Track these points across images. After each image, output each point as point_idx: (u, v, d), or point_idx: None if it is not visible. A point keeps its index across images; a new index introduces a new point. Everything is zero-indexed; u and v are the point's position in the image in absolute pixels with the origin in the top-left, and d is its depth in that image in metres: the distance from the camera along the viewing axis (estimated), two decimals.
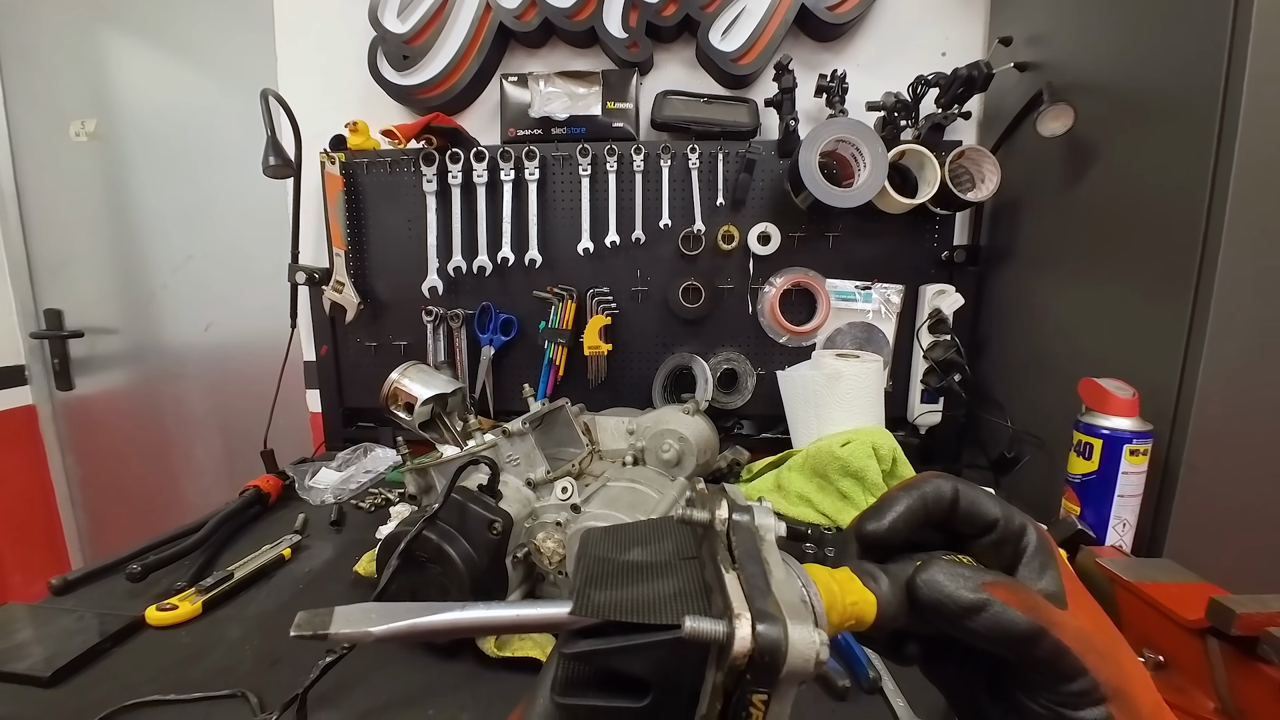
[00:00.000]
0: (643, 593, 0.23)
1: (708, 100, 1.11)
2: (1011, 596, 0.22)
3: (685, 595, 0.22)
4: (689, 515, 0.24)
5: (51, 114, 1.40)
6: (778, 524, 0.24)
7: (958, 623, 0.22)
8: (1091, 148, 0.85)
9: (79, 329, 1.49)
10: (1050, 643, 0.22)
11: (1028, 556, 0.25)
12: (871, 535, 0.26)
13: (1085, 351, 0.86)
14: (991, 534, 0.26)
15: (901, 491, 0.27)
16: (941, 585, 0.23)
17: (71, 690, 0.55)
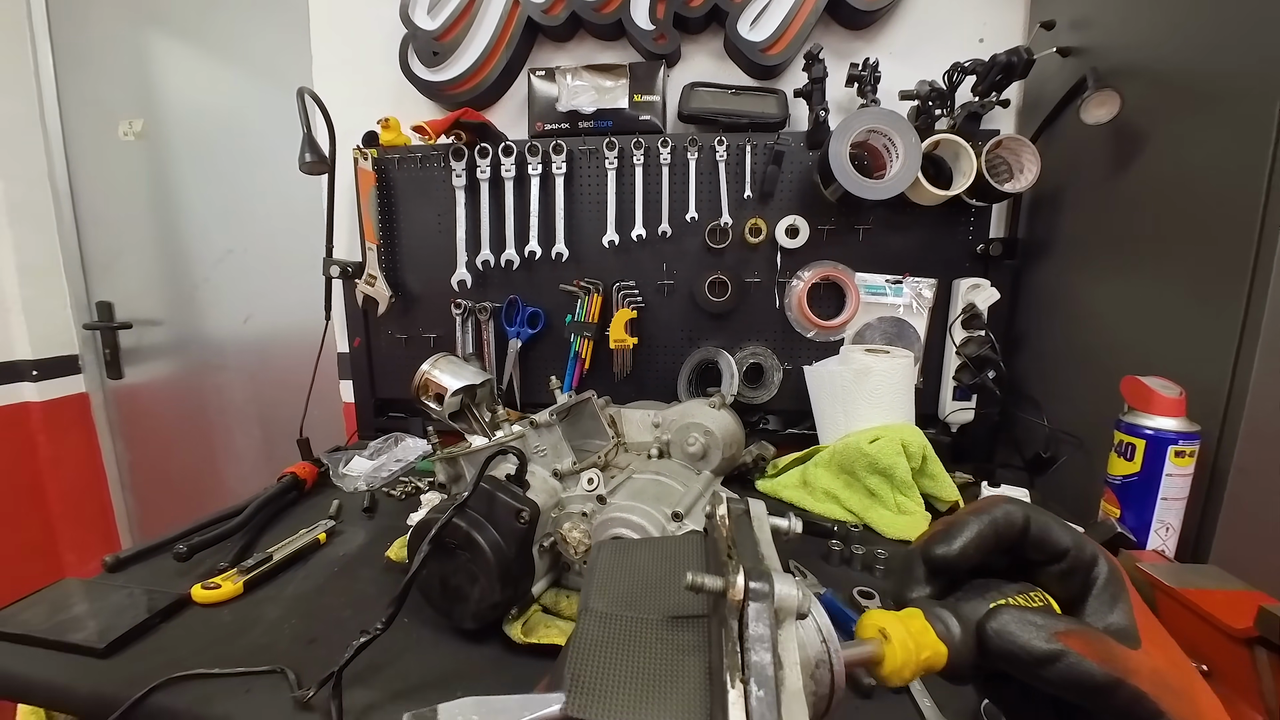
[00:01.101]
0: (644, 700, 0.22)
1: (735, 92, 1.09)
2: (1086, 646, 0.22)
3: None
4: (701, 583, 0.23)
5: (102, 115, 1.47)
6: (802, 600, 0.22)
7: (1032, 672, 0.22)
8: (1139, 136, 0.81)
9: (127, 320, 1.55)
10: (1127, 691, 0.22)
11: (1098, 588, 0.25)
12: (940, 559, 0.26)
13: (1128, 348, 0.83)
14: (1061, 563, 0.26)
15: (972, 516, 0.27)
16: (1014, 636, 0.23)
17: (123, 661, 0.58)
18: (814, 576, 0.69)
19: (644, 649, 0.25)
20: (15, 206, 1.40)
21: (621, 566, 0.29)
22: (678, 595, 0.26)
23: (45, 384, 1.47)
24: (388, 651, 0.57)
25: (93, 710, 0.54)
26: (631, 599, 0.27)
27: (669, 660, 0.24)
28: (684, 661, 0.24)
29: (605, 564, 0.29)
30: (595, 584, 0.28)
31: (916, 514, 0.84)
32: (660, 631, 0.26)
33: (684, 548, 0.31)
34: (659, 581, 0.28)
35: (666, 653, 0.25)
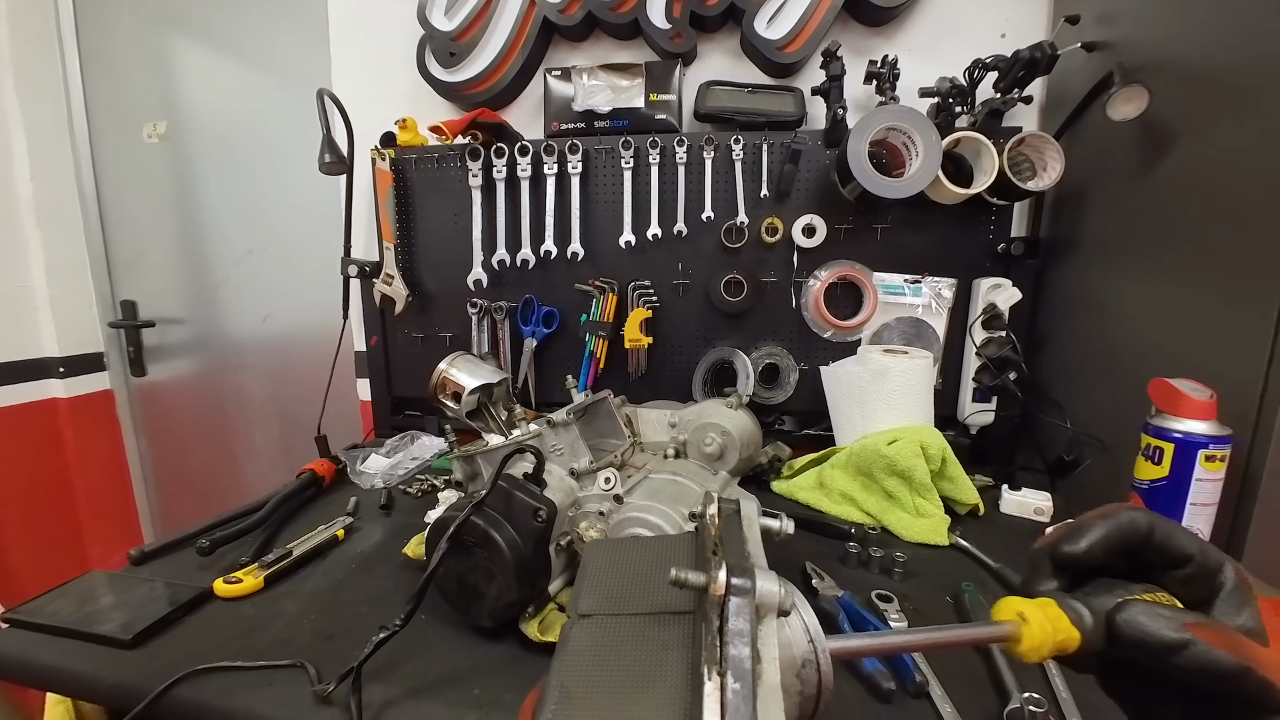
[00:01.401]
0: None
1: (752, 90, 1.09)
2: (1214, 636, 0.23)
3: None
4: (684, 579, 0.23)
5: (126, 118, 1.50)
6: (784, 596, 0.23)
7: (1161, 658, 0.24)
8: (1167, 132, 0.80)
9: (151, 319, 1.59)
10: (1257, 679, 0.23)
11: (1225, 593, 0.26)
12: (1067, 556, 0.29)
13: (1155, 350, 0.81)
14: (1186, 568, 0.27)
15: (1099, 519, 0.29)
16: (1144, 625, 0.24)
17: (149, 653, 0.59)
18: (831, 579, 0.69)
19: (629, 648, 0.25)
20: (44, 208, 1.44)
21: (614, 564, 0.29)
22: (666, 592, 0.26)
23: (72, 381, 1.51)
24: (406, 648, 0.57)
25: (119, 700, 0.55)
26: (621, 596, 0.27)
27: (652, 657, 0.25)
28: (667, 658, 0.25)
29: (598, 562, 0.29)
30: (587, 581, 0.28)
31: (935, 517, 0.83)
32: (646, 629, 0.26)
33: (676, 546, 0.31)
34: (649, 579, 0.28)
35: (651, 650, 0.25)
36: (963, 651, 0.58)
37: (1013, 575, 0.70)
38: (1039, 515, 0.88)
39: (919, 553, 0.79)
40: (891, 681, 0.52)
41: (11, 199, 1.40)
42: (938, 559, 0.77)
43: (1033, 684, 0.53)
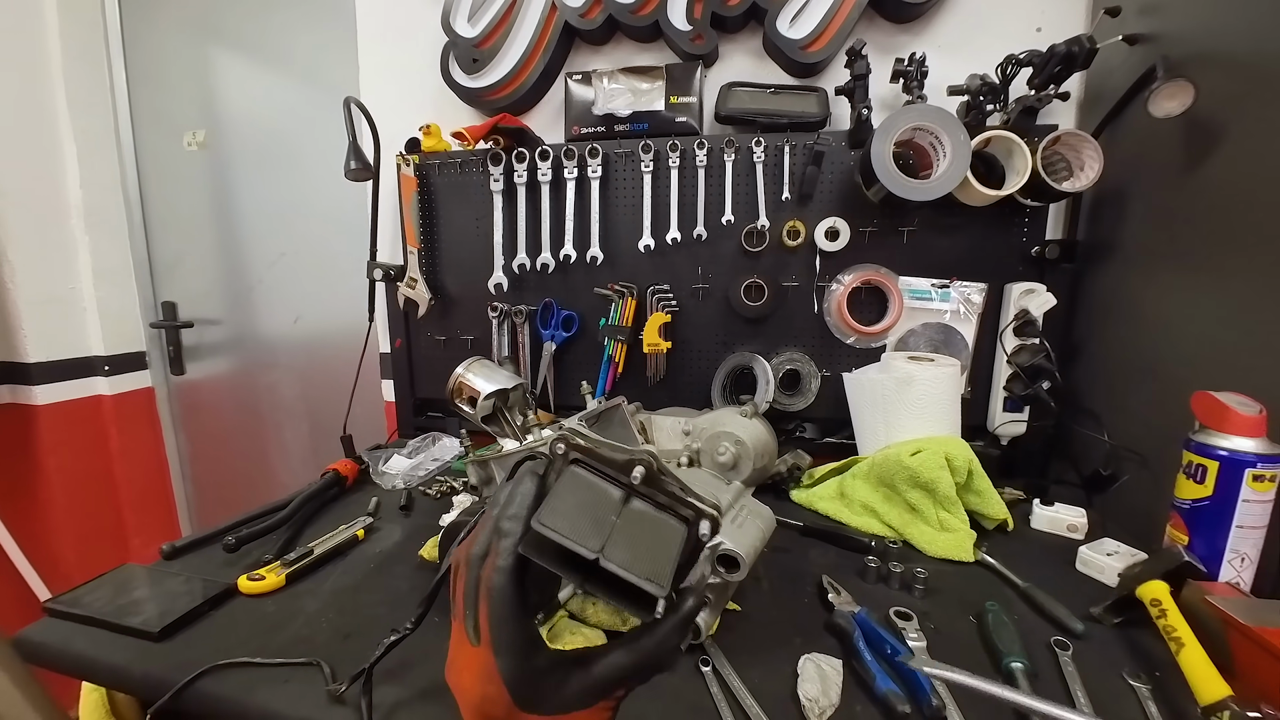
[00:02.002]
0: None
1: (774, 91, 1.07)
2: None
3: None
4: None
5: (168, 127, 1.56)
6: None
7: None
8: (1214, 129, 0.75)
9: (189, 320, 1.65)
10: None
11: None
12: None
13: (1200, 361, 0.77)
14: None
15: None
16: None
17: (176, 646, 0.61)
18: (848, 594, 0.67)
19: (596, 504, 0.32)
20: (92, 214, 1.51)
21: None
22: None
23: (116, 379, 1.58)
24: (418, 650, 0.58)
25: (147, 691, 0.57)
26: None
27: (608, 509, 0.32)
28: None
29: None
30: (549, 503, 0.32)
31: (960, 531, 0.80)
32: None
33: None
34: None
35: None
36: (983, 672, 0.56)
37: (1041, 596, 0.67)
38: (1072, 533, 0.84)
39: (942, 569, 0.76)
40: (907, 704, 0.50)
41: (63, 205, 1.48)
42: (962, 576, 0.75)
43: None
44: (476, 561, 0.32)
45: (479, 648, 0.31)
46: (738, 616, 0.65)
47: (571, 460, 0.33)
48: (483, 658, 0.31)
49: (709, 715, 0.51)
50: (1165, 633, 0.56)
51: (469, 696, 0.32)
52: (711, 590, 0.58)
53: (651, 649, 0.32)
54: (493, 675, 0.30)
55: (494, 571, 0.31)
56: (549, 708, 0.31)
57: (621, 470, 0.32)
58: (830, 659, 0.56)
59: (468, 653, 0.31)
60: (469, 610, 0.32)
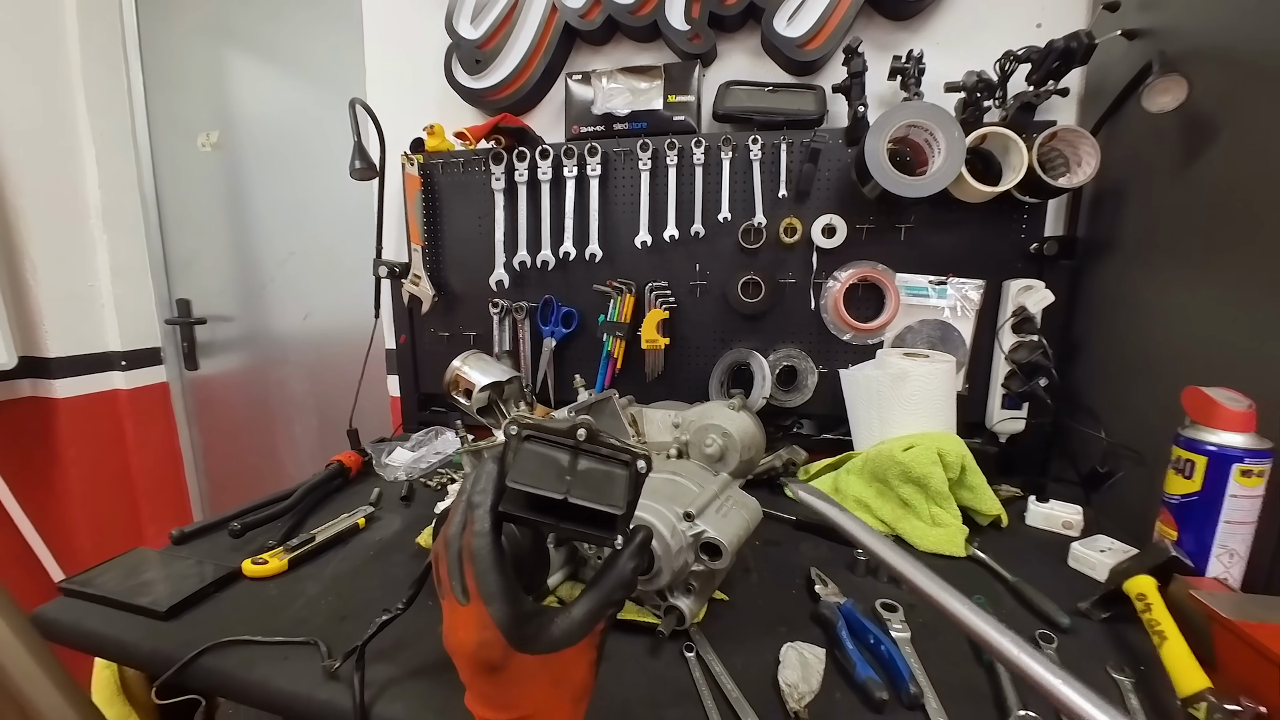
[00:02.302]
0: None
1: (772, 89, 1.08)
2: None
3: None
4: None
5: (183, 128, 1.61)
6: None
7: None
8: (1210, 124, 0.75)
9: (202, 316, 1.70)
10: None
11: None
12: None
13: (1197, 357, 0.76)
14: None
15: None
16: None
17: (182, 624, 0.64)
18: (835, 585, 0.68)
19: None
20: (110, 213, 1.56)
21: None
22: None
23: (132, 373, 1.63)
24: (410, 631, 0.60)
25: (154, 666, 0.60)
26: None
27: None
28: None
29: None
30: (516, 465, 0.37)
31: (952, 527, 0.80)
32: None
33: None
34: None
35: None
36: (966, 663, 0.57)
37: (1030, 590, 0.67)
38: (1067, 529, 0.84)
39: (933, 563, 0.76)
40: (885, 691, 0.51)
41: (83, 205, 1.52)
42: (952, 570, 0.75)
43: (1037, 703, 0.51)
44: (455, 538, 0.35)
45: (470, 605, 0.34)
46: (725, 605, 0.66)
47: (525, 438, 0.37)
48: (475, 610, 0.34)
49: (690, 699, 0.52)
50: (1149, 626, 0.56)
51: (466, 648, 0.34)
52: (696, 578, 0.59)
53: (614, 579, 0.37)
54: (486, 622, 0.33)
55: (473, 536, 0.35)
56: (539, 646, 0.34)
57: (567, 435, 0.37)
58: (813, 647, 0.57)
59: (460, 613, 0.34)
60: (454, 578, 0.35)
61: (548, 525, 0.36)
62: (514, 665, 0.34)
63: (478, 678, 0.35)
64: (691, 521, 0.56)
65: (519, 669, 0.34)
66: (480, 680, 0.35)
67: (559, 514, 0.36)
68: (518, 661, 0.34)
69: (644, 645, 0.59)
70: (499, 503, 0.36)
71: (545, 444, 0.37)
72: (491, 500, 0.36)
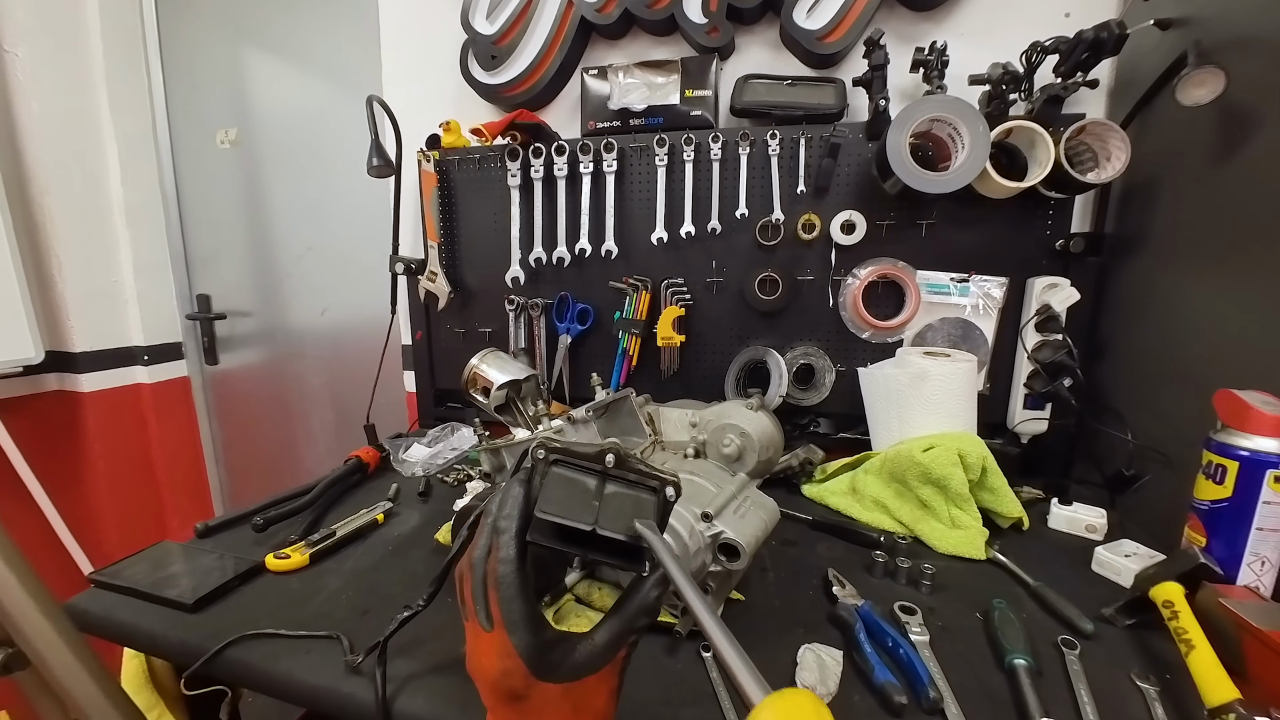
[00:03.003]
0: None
1: (791, 83, 1.06)
2: None
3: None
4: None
5: (202, 126, 1.62)
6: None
7: None
8: (1249, 118, 0.72)
9: (222, 312, 1.72)
10: None
11: None
12: None
13: (1229, 359, 0.74)
14: None
15: None
16: None
17: (208, 616, 0.65)
18: (853, 587, 0.67)
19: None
20: (133, 210, 1.59)
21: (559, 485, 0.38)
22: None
23: (155, 368, 1.66)
24: (430, 627, 0.60)
25: (182, 657, 0.61)
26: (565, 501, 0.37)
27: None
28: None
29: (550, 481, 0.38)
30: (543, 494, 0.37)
31: (972, 529, 0.79)
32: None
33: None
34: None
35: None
36: (986, 668, 0.56)
37: (1052, 595, 0.66)
38: (1090, 533, 0.83)
39: (951, 566, 0.76)
40: (904, 695, 0.50)
41: (107, 203, 1.55)
42: (971, 573, 0.74)
43: (1060, 710, 0.50)
44: (480, 562, 0.36)
45: (493, 632, 0.34)
46: (742, 606, 0.66)
47: (553, 461, 0.38)
48: (498, 638, 0.34)
49: (707, 699, 0.52)
50: (1176, 635, 0.55)
51: (489, 675, 0.35)
52: (713, 578, 0.59)
53: (637, 606, 0.37)
54: (509, 651, 0.34)
55: (498, 563, 0.35)
56: (561, 675, 0.34)
57: (595, 460, 0.37)
58: (831, 649, 0.57)
59: (484, 640, 0.35)
60: (479, 604, 0.35)
61: (575, 554, 0.37)
62: (536, 694, 0.34)
63: (500, 705, 0.35)
64: (709, 522, 0.56)
65: (541, 697, 0.34)
66: (503, 707, 0.35)
67: (586, 543, 0.36)
68: (540, 690, 0.34)
69: (661, 645, 0.59)
70: (525, 529, 0.36)
71: (573, 468, 0.37)
72: (517, 526, 0.36)
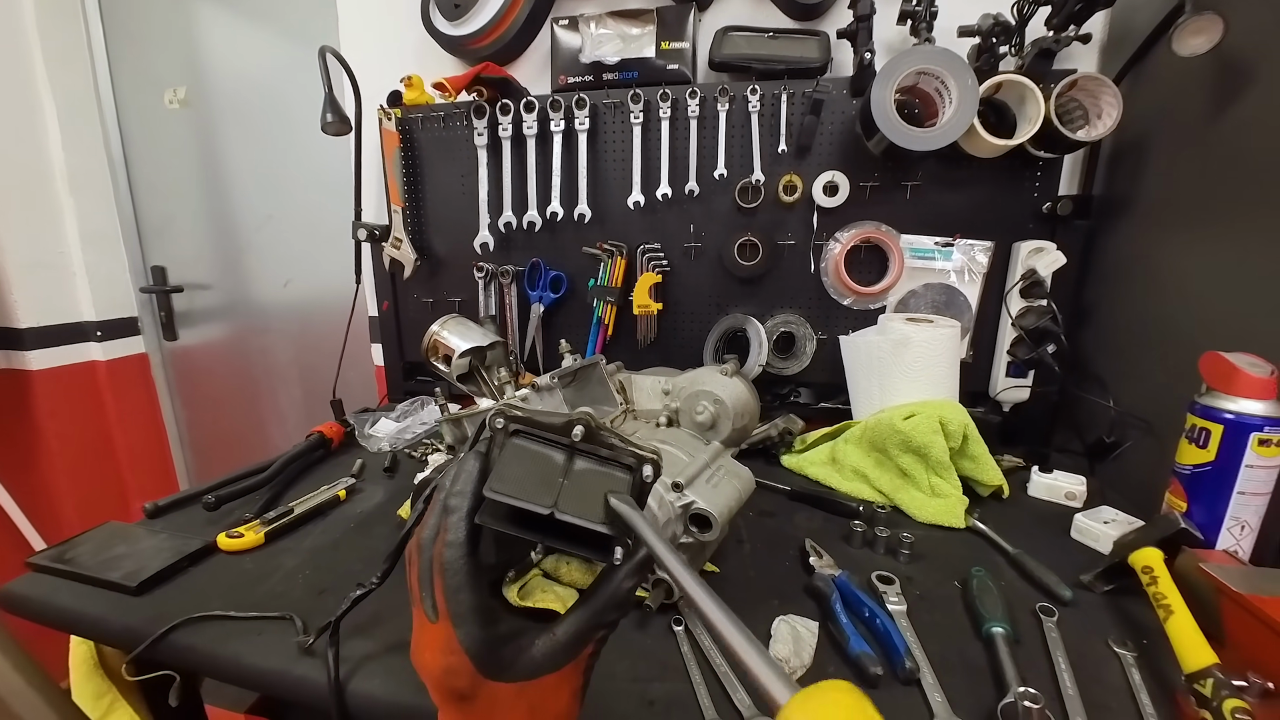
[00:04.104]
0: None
1: (772, 35, 1.01)
2: None
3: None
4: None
5: (149, 84, 1.51)
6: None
7: None
8: (1245, 69, 0.69)
9: (179, 284, 1.64)
10: None
11: None
12: None
13: (1218, 323, 0.73)
14: None
15: None
16: None
17: (153, 600, 0.62)
18: (830, 557, 0.65)
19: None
20: (76, 176, 1.48)
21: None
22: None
23: (109, 344, 1.58)
24: (389, 606, 0.57)
25: (126, 642, 0.57)
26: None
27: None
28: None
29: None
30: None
31: (952, 497, 0.78)
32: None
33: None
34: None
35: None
36: (963, 637, 0.55)
37: (1031, 563, 0.65)
38: (1070, 500, 0.82)
39: (931, 534, 0.75)
40: (880, 666, 0.49)
41: (46, 167, 1.45)
42: (951, 542, 0.73)
43: (1038, 678, 0.49)
44: (428, 544, 0.32)
45: (438, 624, 0.31)
46: (716, 578, 0.64)
47: (512, 432, 0.33)
48: (442, 631, 0.30)
49: (678, 673, 0.50)
50: (1155, 600, 0.54)
51: (432, 672, 0.31)
52: (686, 550, 0.57)
53: (606, 598, 0.32)
54: (454, 646, 0.30)
55: (445, 546, 0.31)
56: (515, 674, 0.31)
57: (561, 432, 0.32)
58: (806, 621, 0.55)
59: (429, 632, 0.31)
60: (424, 591, 0.31)
61: (531, 540, 0.32)
62: (485, 694, 0.30)
63: (446, 704, 0.32)
64: (680, 492, 0.53)
65: (490, 698, 0.31)
66: (449, 706, 0.32)
67: (544, 528, 0.31)
68: (489, 690, 0.30)
69: (631, 619, 0.57)
70: (477, 509, 0.32)
71: (536, 441, 0.33)
72: (469, 506, 0.31)
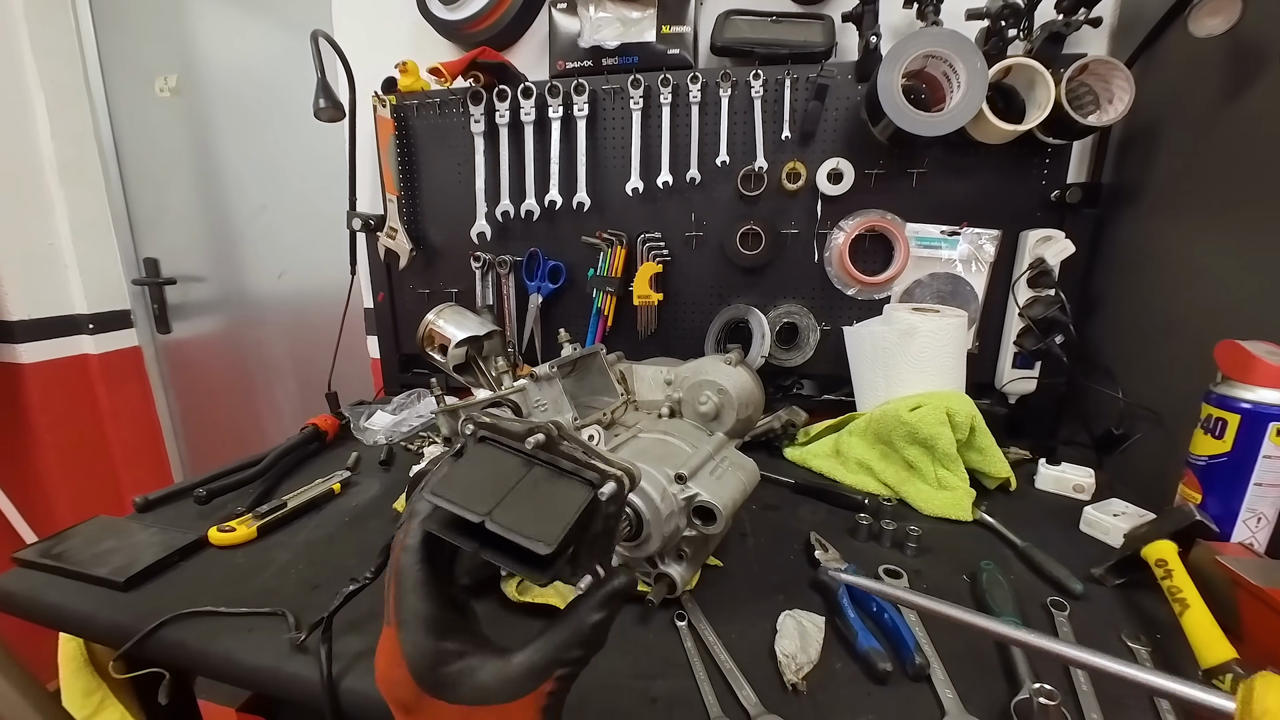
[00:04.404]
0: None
1: (776, 19, 0.98)
2: None
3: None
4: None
5: (139, 73, 1.48)
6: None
7: None
8: (1261, 51, 0.67)
9: (172, 276, 1.61)
10: None
11: None
12: None
13: (1230, 312, 0.71)
14: None
15: None
16: None
17: (142, 595, 0.60)
18: (835, 551, 0.64)
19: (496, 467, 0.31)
20: (66, 167, 1.46)
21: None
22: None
23: (101, 337, 1.56)
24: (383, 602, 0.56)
25: (114, 639, 0.56)
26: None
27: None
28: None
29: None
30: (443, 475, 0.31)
31: (959, 490, 0.77)
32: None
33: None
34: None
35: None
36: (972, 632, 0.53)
37: (1040, 556, 0.63)
38: (1078, 493, 0.80)
39: (938, 528, 0.73)
40: (889, 662, 0.47)
41: (36, 159, 1.42)
42: (958, 535, 0.72)
43: (1051, 672, 0.47)
44: (396, 546, 0.31)
45: (389, 628, 0.29)
46: (720, 572, 0.63)
47: (480, 438, 0.32)
48: (390, 638, 0.29)
49: (681, 670, 0.49)
50: (1170, 594, 0.52)
51: (380, 678, 0.29)
52: (689, 544, 0.55)
53: (568, 632, 0.29)
54: (396, 657, 0.28)
55: (401, 550, 0.30)
56: (460, 696, 0.28)
57: (520, 440, 0.31)
58: (813, 616, 0.54)
59: (383, 635, 0.30)
60: (386, 593, 0.30)
61: (470, 550, 0.29)
62: (428, 712, 0.28)
63: (395, 712, 0.30)
64: (683, 484, 0.52)
65: (435, 715, 0.28)
66: (397, 715, 0.30)
67: (480, 538, 0.28)
68: (433, 708, 0.28)
69: (632, 614, 0.55)
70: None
71: (501, 448, 0.31)
72: (430, 509, 0.30)
